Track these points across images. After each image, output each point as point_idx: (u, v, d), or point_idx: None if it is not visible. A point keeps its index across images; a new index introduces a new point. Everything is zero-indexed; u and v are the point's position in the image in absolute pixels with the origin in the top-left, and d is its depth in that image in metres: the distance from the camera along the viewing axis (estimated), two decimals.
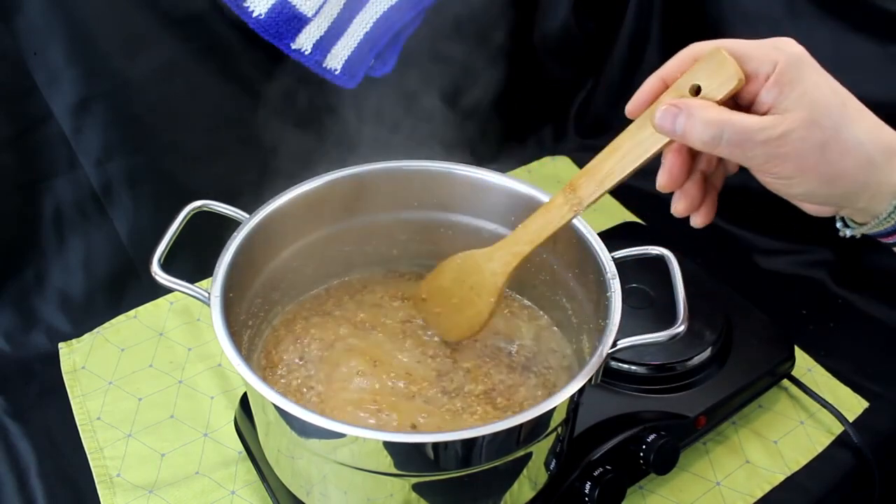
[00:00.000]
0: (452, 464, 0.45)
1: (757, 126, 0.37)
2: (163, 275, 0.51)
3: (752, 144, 0.37)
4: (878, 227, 0.39)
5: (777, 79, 0.37)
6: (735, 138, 0.37)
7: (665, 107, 0.40)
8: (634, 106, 0.43)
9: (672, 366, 0.63)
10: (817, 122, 0.37)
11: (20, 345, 0.74)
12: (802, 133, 0.37)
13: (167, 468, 0.64)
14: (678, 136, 0.39)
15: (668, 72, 0.42)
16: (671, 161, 0.42)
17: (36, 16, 0.65)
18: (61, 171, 0.72)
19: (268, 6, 0.71)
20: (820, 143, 0.37)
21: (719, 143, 0.38)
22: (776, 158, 0.37)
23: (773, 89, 0.38)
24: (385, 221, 0.64)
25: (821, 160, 0.37)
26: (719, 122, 0.38)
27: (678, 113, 0.39)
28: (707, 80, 0.39)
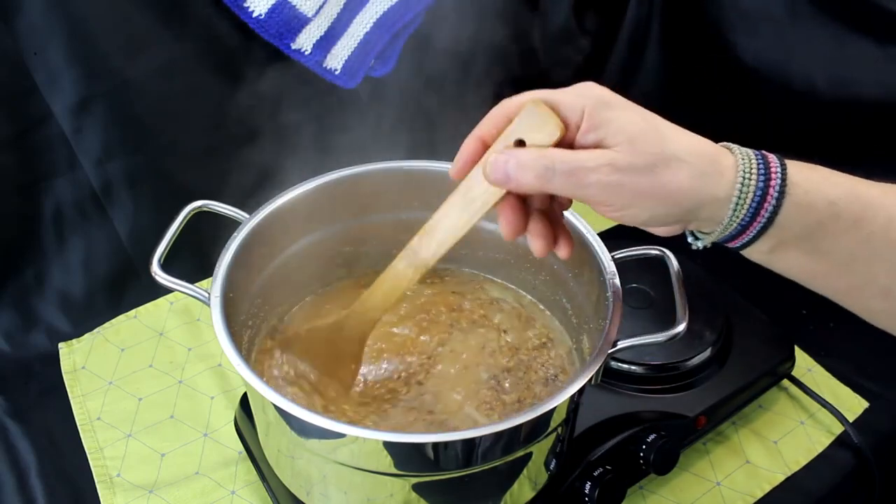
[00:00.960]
0: (452, 464, 0.45)
1: (585, 156, 0.38)
2: (163, 275, 0.51)
3: (585, 172, 0.38)
4: (724, 232, 0.40)
5: (590, 123, 0.39)
6: (567, 167, 0.38)
7: (493, 157, 0.40)
8: (458, 168, 0.43)
9: (672, 366, 0.63)
10: (639, 147, 0.38)
11: (20, 345, 0.74)
12: (629, 158, 0.37)
13: (167, 468, 0.64)
14: (512, 181, 0.40)
15: (484, 131, 0.42)
16: (505, 212, 0.43)
17: (36, 16, 0.65)
18: (61, 171, 0.72)
19: (268, 6, 0.71)
20: (648, 165, 0.38)
21: (552, 177, 0.38)
22: (610, 187, 0.38)
23: (590, 133, 0.39)
24: (385, 221, 0.64)
25: (654, 182, 0.38)
26: (549, 157, 0.39)
27: (507, 158, 0.40)
28: (530, 134, 0.40)
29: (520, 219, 0.43)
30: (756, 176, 0.38)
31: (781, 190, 0.38)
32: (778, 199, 0.38)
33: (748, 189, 0.38)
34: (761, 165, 0.39)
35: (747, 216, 0.39)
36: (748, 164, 0.39)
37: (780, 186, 0.38)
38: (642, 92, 0.96)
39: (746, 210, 0.39)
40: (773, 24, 0.81)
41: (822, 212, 0.39)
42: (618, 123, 0.38)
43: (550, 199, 0.44)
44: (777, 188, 0.38)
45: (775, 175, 0.38)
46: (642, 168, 0.38)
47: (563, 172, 0.38)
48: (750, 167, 0.39)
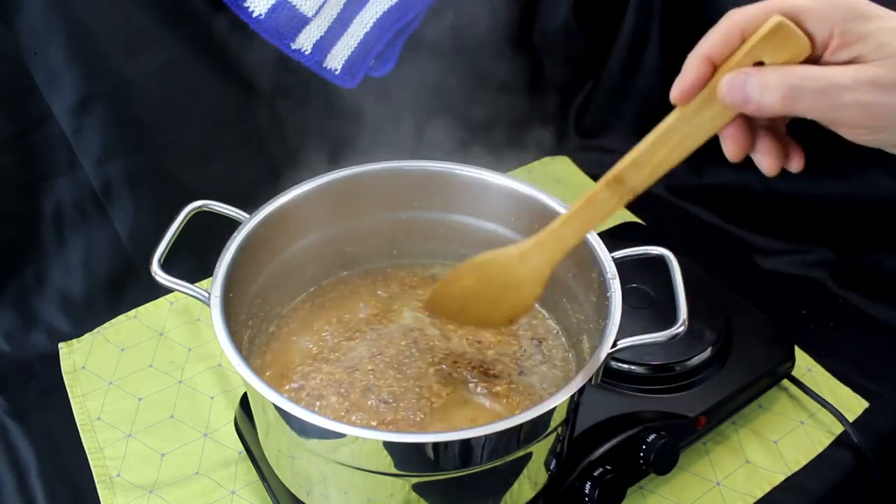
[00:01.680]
0: (452, 464, 0.45)
1: (841, 72, 0.34)
2: (163, 275, 0.51)
3: (840, 90, 0.34)
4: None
5: (843, 38, 0.35)
6: (819, 86, 0.34)
7: (731, 75, 0.36)
8: (682, 91, 0.39)
9: (672, 366, 0.63)
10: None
11: (20, 345, 0.74)
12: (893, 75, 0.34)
13: (167, 468, 0.64)
14: (752, 103, 0.36)
15: (712, 50, 0.38)
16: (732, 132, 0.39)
17: (36, 16, 0.65)
18: (61, 171, 0.72)
19: (268, 6, 0.71)
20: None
21: (801, 97, 0.34)
22: (870, 108, 0.34)
23: (843, 50, 0.35)
24: (385, 221, 0.64)
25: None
26: (797, 75, 0.35)
27: (746, 78, 0.36)
28: (773, 56, 0.36)
29: (747, 137, 0.39)
30: None
31: None
32: None
33: None
34: None
35: None
36: None
37: None
38: (642, 92, 0.96)
39: None
40: None
41: None
42: (879, 37, 0.34)
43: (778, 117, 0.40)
44: None
45: None
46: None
47: (815, 92, 0.34)
48: None
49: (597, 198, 0.44)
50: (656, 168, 0.41)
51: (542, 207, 0.58)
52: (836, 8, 0.35)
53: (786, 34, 0.35)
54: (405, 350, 0.59)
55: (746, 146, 0.39)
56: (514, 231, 0.62)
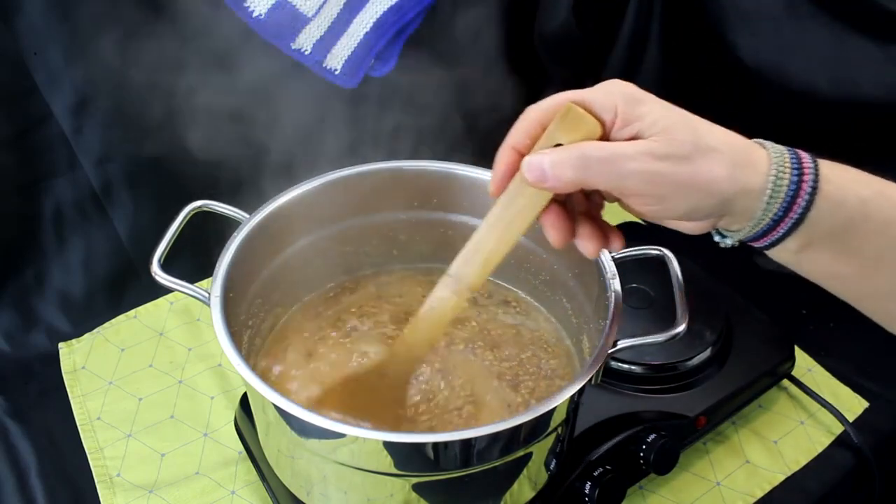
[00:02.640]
0: (452, 464, 0.45)
1: (623, 144, 0.38)
2: (163, 275, 0.51)
3: (623, 159, 0.37)
4: (755, 228, 0.40)
5: (624, 119, 0.38)
6: (604, 155, 0.38)
7: (529, 157, 0.40)
8: (497, 181, 0.43)
9: (672, 366, 0.63)
10: (677, 137, 0.37)
11: (20, 345, 0.74)
12: (666, 147, 0.37)
13: (167, 468, 0.64)
14: (550, 178, 0.39)
15: (516, 141, 0.42)
16: (551, 220, 0.42)
17: (36, 16, 0.65)
18: (61, 171, 0.72)
19: (268, 6, 0.71)
20: (686, 153, 0.37)
21: (589, 167, 0.38)
22: (649, 176, 0.37)
23: (625, 129, 0.39)
24: (385, 221, 0.64)
25: (692, 171, 0.37)
26: (585, 148, 0.38)
27: (542, 156, 0.39)
28: (568, 137, 0.39)
29: (567, 224, 0.42)
30: (790, 169, 0.38)
31: (814, 185, 0.38)
32: (811, 193, 0.38)
33: (782, 181, 0.38)
34: (794, 160, 0.38)
35: (780, 210, 0.38)
36: (781, 158, 0.38)
37: (813, 181, 0.38)
38: None
39: (780, 203, 0.38)
40: (773, 24, 0.81)
41: (852, 210, 0.38)
42: (651, 116, 0.38)
43: (588, 201, 0.44)
44: (810, 182, 0.38)
45: (808, 170, 0.38)
46: (680, 157, 0.37)
47: (601, 160, 0.38)
48: (782, 161, 0.38)
49: (438, 297, 0.46)
50: (487, 261, 0.44)
51: None
52: (615, 95, 0.39)
53: (575, 116, 0.39)
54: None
55: (568, 233, 0.42)
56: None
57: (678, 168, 0.37)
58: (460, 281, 0.45)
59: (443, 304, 0.47)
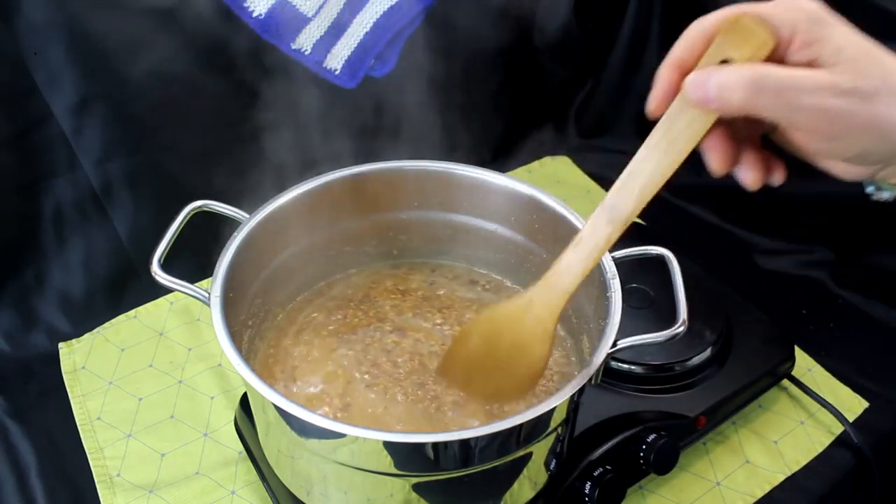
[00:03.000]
0: (452, 464, 0.45)
1: (802, 73, 0.34)
2: (163, 275, 0.51)
3: (801, 92, 0.34)
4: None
5: (804, 39, 0.35)
6: (780, 84, 0.34)
7: (694, 75, 0.36)
8: (657, 102, 0.39)
9: (672, 366, 0.63)
10: (863, 71, 0.34)
11: (20, 345, 0.74)
12: (853, 81, 0.34)
13: (167, 468, 0.64)
14: (714, 100, 0.36)
15: (680, 57, 0.38)
16: (714, 144, 0.39)
17: (36, 16, 0.65)
18: (61, 171, 0.72)
19: (268, 6, 0.71)
20: (872, 91, 0.34)
21: (761, 96, 0.34)
22: (827, 113, 0.34)
23: (804, 50, 0.35)
24: (385, 221, 0.64)
25: (875, 112, 0.34)
26: (758, 73, 0.35)
27: (709, 76, 0.36)
28: (736, 52, 0.36)
29: (731, 149, 0.39)
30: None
31: None
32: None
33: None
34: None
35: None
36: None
37: None
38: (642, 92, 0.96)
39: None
40: None
41: None
42: (836, 41, 0.34)
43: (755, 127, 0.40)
44: None
45: None
46: (865, 94, 0.34)
47: (775, 90, 0.34)
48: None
49: (593, 226, 0.43)
50: (645, 187, 0.41)
51: (542, 207, 0.58)
52: (797, 10, 0.35)
53: (746, 26, 0.35)
54: (406, 351, 0.59)
55: (730, 159, 0.39)
56: (514, 231, 0.62)
57: (860, 107, 0.34)
58: (615, 209, 0.42)
59: (598, 233, 0.43)
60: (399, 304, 0.63)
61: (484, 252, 0.65)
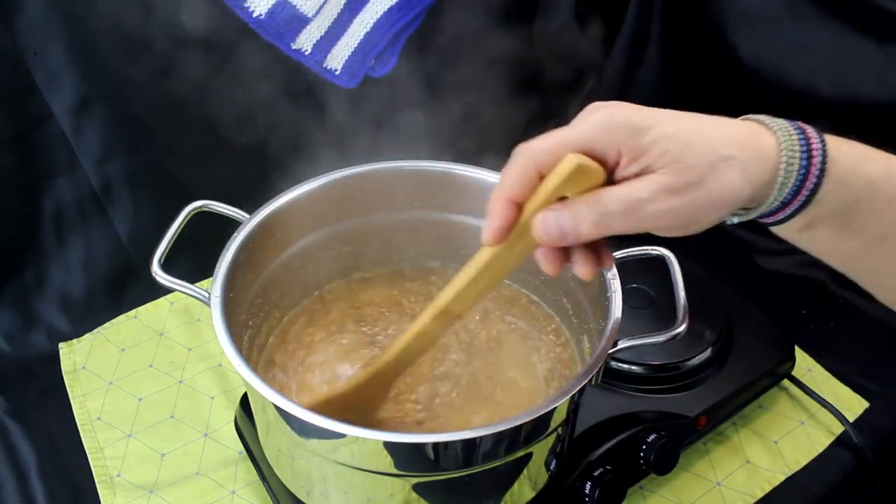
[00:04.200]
0: (452, 464, 0.45)
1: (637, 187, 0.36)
2: (163, 275, 0.51)
3: (642, 204, 0.36)
4: (762, 212, 0.39)
5: (631, 155, 0.37)
6: (623, 206, 0.36)
7: (543, 215, 0.38)
8: (495, 235, 0.40)
9: (672, 366, 0.63)
10: (688, 163, 0.36)
11: (20, 345, 0.74)
12: (681, 178, 0.36)
13: (167, 468, 0.64)
14: (570, 235, 0.38)
15: (513, 191, 0.39)
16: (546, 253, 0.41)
17: (36, 16, 0.65)
18: (61, 171, 0.72)
19: (268, 6, 0.71)
20: (701, 178, 0.36)
21: (611, 220, 0.37)
22: (671, 211, 0.36)
23: (632, 165, 0.37)
24: (385, 221, 0.64)
25: (711, 191, 0.36)
26: (603, 202, 0.37)
27: (558, 215, 0.38)
28: (574, 190, 0.38)
29: (560, 254, 0.41)
30: (799, 154, 0.37)
31: (822, 167, 0.37)
32: (819, 176, 0.37)
33: (792, 168, 0.37)
34: (802, 142, 0.37)
35: (789, 195, 0.38)
36: (790, 142, 0.37)
37: (821, 164, 0.37)
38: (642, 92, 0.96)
39: (789, 189, 0.37)
40: (774, 25, 0.81)
41: (858, 190, 0.38)
42: (658, 147, 0.36)
43: None
44: (818, 166, 0.37)
45: (816, 152, 0.37)
46: (697, 182, 0.36)
47: (621, 213, 0.36)
48: (792, 145, 0.37)
49: (426, 329, 0.47)
50: (477, 297, 0.45)
51: None
52: (615, 130, 0.37)
53: (584, 171, 0.37)
54: None
55: (561, 261, 0.41)
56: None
57: (696, 195, 0.36)
58: (450, 313, 0.46)
59: (433, 334, 0.48)
60: (399, 305, 0.63)
61: None
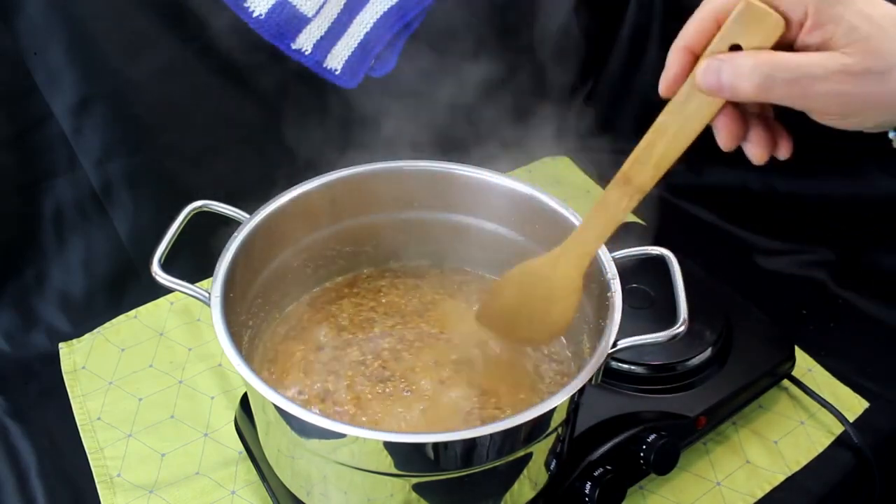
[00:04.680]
0: (452, 464, 0.45)
1: (812, 60, 0.34)
2: (163, 275, 0.51)
3: (812, 80, 0.34)
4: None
5: (816, 20, 0.34)
6: (791, 75, 0.34)
7: (706, 63, 0.37)
8: (668, 84, 0.40)
9: (672, 366, 0.63)
10: (875, 49, 0.34)
11: (20, 345, 0.74)
12: (864, 62, 0.34)
13: (167, 468, 0.64)
14: (727, 89, 0.36)
15: (691, 39, 0.38)
16: (724, 122, 0.39)
17: (36, 16, 0.65)
18: (61, 171, 0.72)
19: (268, 6, 0.71)
20: (885, 70, 0.34)
21: (773, 86, 0.35)
22: (840, 96, 0.34)
23: (815, 31, 0.35)
24: (385, 221, 0.64)
25: (887, 91, 0.34)
26: (770, 63, 0.35)
27: (720, 65, 0.36)
28: (746, 38, 0.36)
29: (739, 126, 0.40)
30: None
31: None
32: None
33: None
34: None
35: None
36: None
37: None
38: (642, 92, 0.96)
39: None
40: None
41: None
42: (848, 21, 0.34)
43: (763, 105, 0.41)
44: None
45: None
46: (878, 72, 0.34)
47: (787, 81, 0.35)
48: None
49: (608, 199, 0.45)
50: (659, 163, 0.42)
51: (542, 207, 0.58)
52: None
53: (756, 13, 0.35)
54: (406, 350, 0.59)
55: (738, 135, 0.40)
56: (514, 231, 0.62)
57: (873, 88, 0.34)
58: (631, 182, 0.43)
59: (614, 205, 0.45)
60: (399, 305, 0.63)
61: (483, 252, 0.65)
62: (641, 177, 0.43)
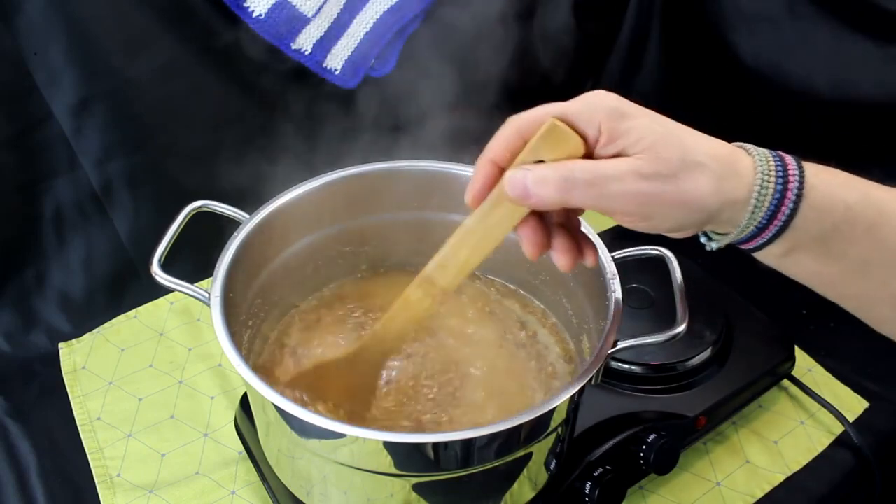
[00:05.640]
0: (452, 464, 0.45)
1: (607, 164, 0.37)
2: (163, 275, 0.51)
3: (608, 181, 0.37)
4: (740, 234, 0.39)
5: (609, 135, 0.38)
6: (588, 177, 0.37)
7: (511, 173, 0.39)
8: (474, 194, 0.42)
9: (672, 366, 0.63)
10: (662, 154, 0.37)
11: (20, 345, 0.74)
12: (653, 165, 0.37)
13: (167, 468, 0.64)
14: (532, 196, 0.39)
15: (496, 154, 0.41)
16: (527, 232, 0.42)
17: (36, 16, 0.65)
18: (61, 171, 0.72)
19: (268, 6, 0.71)
20: (672, 171, 0.37)
21: (573, 188, 0.37)
22: (637, 196, 0.37)
23: (609, 146, 0.38)
24: (385, 221, 0.64)
25: (678, 189, 0.37)
26: (569, 168, 0.38)
27: (526, 174, 0.38)
28: (551, 154, 0.38)
29: (542, 237, 0.42)
30: (774, 178, 0.38)
31: (799, 192, 0.38)
32: (795, 201, 0.38)
33: (766, 191, 0.38)
34: (779, 167, 0.38)
35: (765, 218, 0.38)
36: (766, 166, 0.38)
37: (798, 189, 0.38)
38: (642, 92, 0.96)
39: (764, 212, 0.38)
40: (773, 24, 0.81)
41: (837, 216, 0.38)
42: (637, 132, 0.37)
43: (567, 212, 0.43)
44: (795, 191, 0.38)
45: (793, 177, 0.38)
46: (667, 175, 0.37)
47: (585, 182, 0.37)
48: (767, 169, 0.38)
49: (410, 298, 0.47)
50: (462, 268, 0.44)
51: None
52: (600, 109, 0.38)
53: (559, 133, 0.38)
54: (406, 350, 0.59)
55: (542, 244, 0.42)
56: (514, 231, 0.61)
57: (665, 187, 0.37)
58: (434, 284, 0.46)
59: (416, 305, 0.47)
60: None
61: None
62: (444, 280, 0.45)
